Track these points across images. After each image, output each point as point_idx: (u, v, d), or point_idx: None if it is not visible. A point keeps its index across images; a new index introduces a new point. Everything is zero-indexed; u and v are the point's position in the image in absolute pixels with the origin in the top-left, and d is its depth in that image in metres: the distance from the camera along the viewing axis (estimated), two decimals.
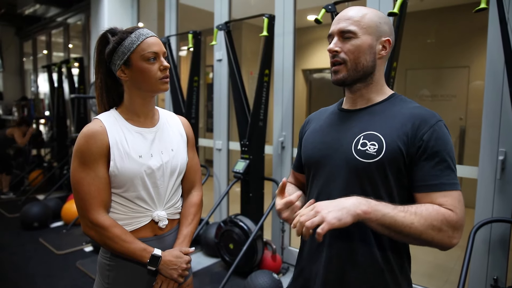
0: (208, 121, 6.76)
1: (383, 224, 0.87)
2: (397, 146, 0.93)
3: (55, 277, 2.96)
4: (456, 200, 0.90)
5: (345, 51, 0.99)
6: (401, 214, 0.87)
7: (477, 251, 2.18)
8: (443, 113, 4.76)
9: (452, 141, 0.96)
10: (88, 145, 1.10)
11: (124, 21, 4.63)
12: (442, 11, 4.77)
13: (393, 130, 0.95)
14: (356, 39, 0.98)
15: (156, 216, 1.20)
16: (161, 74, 1.15)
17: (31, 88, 8.10)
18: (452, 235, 0.88)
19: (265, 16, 2.88)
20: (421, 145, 0.92)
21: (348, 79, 1.01)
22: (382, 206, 0.88)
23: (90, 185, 1.10)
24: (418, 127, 0.93)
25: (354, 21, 0.99)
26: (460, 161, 4.79)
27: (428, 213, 0.88)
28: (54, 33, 6.78)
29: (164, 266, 1.17)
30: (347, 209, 0.86)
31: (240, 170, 3.01)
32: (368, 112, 1.03)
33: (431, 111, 0.97)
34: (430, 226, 0.87)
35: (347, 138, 1.01)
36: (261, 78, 2.97)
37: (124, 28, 1.19)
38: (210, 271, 3.09)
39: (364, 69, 1.00)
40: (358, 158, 0.97)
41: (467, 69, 4.73)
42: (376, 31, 1.00)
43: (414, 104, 1.02)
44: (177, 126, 1.32)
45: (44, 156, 6.62)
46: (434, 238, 0.88)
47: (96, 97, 1.23)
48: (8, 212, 4.68)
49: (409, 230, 0.87)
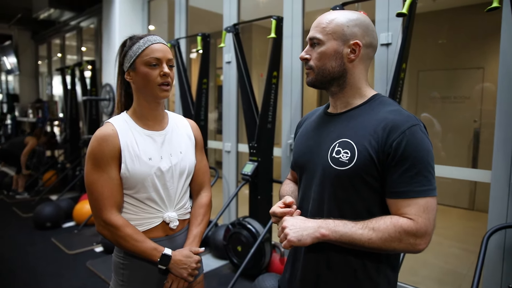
0: (218, 123, 6.77)
1: (343, 242, 0.94)
2: (368, 154, 0.95)
3: (65, 277, 2.99)
4: (421, 208, 0.91)
5: (313, 59, 1.04)
6: (359, 232, 0.93)
7: (491, 258, 2.12)
8: (456, 115, 4.72)
9: (429, 144, 0.95)
10: (100, 148, 1.15)
11: (135, 24, 4.68)
12: (455, 11, 4.69)
13: (365, 137, 0.97)
14: (322, 45, 1.02)
15: (167, 217, 1.24)
16: (160, 80, 1.18)
17: (46, 91, 8.26)
18: (415, 243, 0.91)
19: (273, 18, 2.87)
20: (390, 152, 0.93)
21: (316, 83, 1.06)
22: (342, 226, 0.94)
23: (103, 186, 1.15)
24: (389, 134, 0.93)
25: (321, 28, 1.02)
26: (474, 165, 4.69)
27: (385, 227, 0.92)
28: (68, 36, 6.89)
29: (174, 265, 1.20)
30: (307, 232, 0.95)
31: (248, 172, 3.00)
32: (346, 117, 1.05)
33: (407, 115, 0.96)
34: (389, 239, 0.91)
35: (326, 144, 1.05)
36: (269, 80, 2.96)
37: (140, 34, 1.25)
38: (218, 273, 3.08)
39: (331, 75, 1.03)
40: (332, 166, 1.00)
41: (482, 70, 4.63)
42: (343, 35, 1.00)
43: (392, 107, 1.00)
44: (186, 129, 1.36)
45: (57, 157, 6.73)
46: (396, 248, 0.93)
47: (117, 96, 1.30)
48: (22, 211, 4.78)
49: (368, 245, 0.93)
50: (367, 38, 1.02)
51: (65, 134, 6.12)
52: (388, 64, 2.46)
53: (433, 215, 0.92)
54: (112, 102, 4.73)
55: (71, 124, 5.92)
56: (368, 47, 1.03)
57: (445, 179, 2.44)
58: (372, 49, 1.05)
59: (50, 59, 7.77)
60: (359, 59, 1.03)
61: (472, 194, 4.82)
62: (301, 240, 0.94)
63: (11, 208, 4.97)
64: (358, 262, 1.00)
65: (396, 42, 2.41)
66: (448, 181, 4.17)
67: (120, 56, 1.25)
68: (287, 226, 0.97)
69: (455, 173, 2.52)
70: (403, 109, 1.00)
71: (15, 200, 5.40)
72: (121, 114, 1.27)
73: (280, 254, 2.95)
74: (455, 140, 4.85)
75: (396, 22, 2.43)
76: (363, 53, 1.02)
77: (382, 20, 2.49)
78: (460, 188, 4.81)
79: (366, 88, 1.07)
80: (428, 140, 0.95)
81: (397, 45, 2.36)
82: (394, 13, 2.09)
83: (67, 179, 5.66)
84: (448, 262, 3.24)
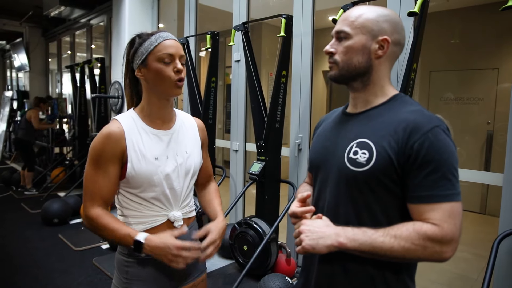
0: (226, 122, 6.76)
1: (363, 251, 0.89)
2: (387, 155, 0.91)
3: (72, 273, 3.01)
4: (446, 213, 0.86)
5: (338, 53, 1.01)
6: (379, 240, 0.88)
7: (502, 263, 2.07)
8: (469, 117, 4.64)
9: (452, 146, 0.90)
10: (102, 146, 1.14)
11: (145, 22, 4.69)
12: (469, 10, 4.61)
13: (384, 138, 0.93)
14: (349, 39, 0.98)
15: (172, 216, 1.24)
16: (175, 76, 1.16)
17: (55, 88, 8.33)
18: (440, 250, 0.86)
19: (283, 16, 2.84)
20: (411, 154, 0.88)
21: (340, 78, 1.02)
22: (361, 234, 0.89)
23: (94, 182, 1.15)
24: (410, 135, 0.89)
25: (349, 22, 0.99)
26: (487, 168, 4.61)
27: (408, 234, 0.87)
28: (78, 34, 6.94)
29: (151, 252, 1.11)
30: (323, 240, 0.91)
31: (255, 172, 2.98)
32: (365, 117, 1.01)
33: (429, 116, 0.92)
34: (412, 247, 0.86)
35: (343, 145, 1.01)
36: (278, 79, 2.93)
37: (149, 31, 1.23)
38: (224, 273, 3.07)
39: (356, 70, 0.99)
40: (349, 166, 0.96)
41: (496, 71, 4.55)
42: (372, 30, 0.97)
43: (413, 107, 0.96)
44: (193, 128, 1.35)
45: (66, 154, 6.78)
46: (420, 256, 0.88)
47: (126, 96, 1.30)
48: (31, 208, 4.82)
49: (390, 254, 0.87)
50: (396, 35, 0.99)
51: (73, 131, 6.16)
52: (398, 64, 2.42)
53: (459, 221, 0.87)
54: (121, 99, 4.75)
55: (80, 121, 5.95)
56: (396, 45, 1.00)
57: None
58: (399, 48, 1.02)
59: (60, 57, 7.83)
60: (386, 56, 0.99)
61: (484, 198, 4.74)
62: (316, 248, 0.91)
63: (20, 204, 5.02)
64: (376, 271, 0.95)
65: (407, 41, 2.37)
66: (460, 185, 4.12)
67: (129, 54, 1.22)
68: (304, 231, 0.93)
69: (466, 175, 2.47)
70: (425, 110, 0.96)
71: (23, 196, 5.46)
72: (128, 111, 1.25)
73: (287, 255, 2.93)
74: (467, 142, 4.77)
75: (407, 21, 2.38)
76: (390, 50, 0.99)
77: None
78: (472, 191, 4.73)
79: (389, 87, 1.03)
80: (451, 142, 0.90)
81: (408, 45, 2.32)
82: (406, 12, 2.05)
83: (75, 176, 5.69)
84: (458, 266, 3.19)
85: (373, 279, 0.95)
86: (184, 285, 1.30)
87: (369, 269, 0.95)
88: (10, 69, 10.78)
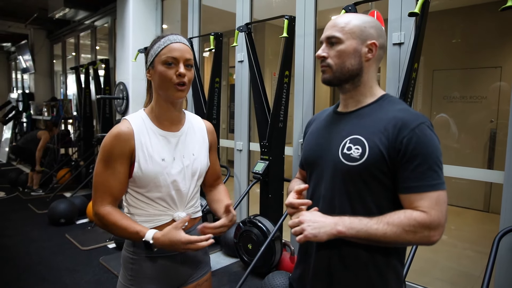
0: (230, 122, 6.80)
1: (359, 238, 0.98)
2: (378, 150, 0.99)
3: (79, 272, 3.05)
4: (433, 201, 0.95)
5: (331, 57, 1.08)
6: (374, 227, 0.96)
7: (503, 260, 2.09)
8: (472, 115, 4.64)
9: (437, 141, 0.99)
10: (112, 145, 1.17)
11: (149, 24, 4.73)
12: (471, 9, 4.61)
13: (376, 134, 1.01)
14: (341, 44, 1.06)
15: (177, 216, 1.25)
16: (176, 79, 1.17)
17: (60, 89, 8.39)
18: (429, 234, 0.95)
19: (286, 17, 2.87)
20: (401, 149, 0.97)
21: (333, 80, 1.09)
22: (357, 222, 0.98)
23: (104, 180, 1.18)
24: (399, 131, 0.98)
25: (339, 28, 1.07)
26: (490, 166, 4.61)
27: (399, 221, 0.95)
28: (82, 35, 6.99)
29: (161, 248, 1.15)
30: (324, 228, 0.98)
31: (259, 171, 3.01)
32: (356, 115, 1.10)
33: (415, 113, 1.01)
34: (403, 232, 0.95)
35: (336, 141, 1.08)
36: (281, 79, 2.96)
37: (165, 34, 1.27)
38: (229, 271, 3.10)
39: (349, 72, 1.07)
40: (344, 161, 1.04)
41: (499, 70, 4.55)
42: (361, 35, 1.06)
43: (401, 106, 1.06)
44: (201, 131, 1.37)
45: (71, 155, 6.84)
46: (410, 240, 0.97)
47: (147, 93, 1.33)
48: (37, 208, 4.87)
49: (384, 239, 0.96)
50: (381, 39, 1.09)
51: (79, 132, 6.22)
52: (400, 64, 2.44)
53: (445, 208, 0.96)
54: (125, 100, 4.79)
55: (85, 122, 6.00)
56: (382, 48, 1.10)
57: (460, 180, 2.42)
58: (383, 51, 1.12)
59: (64, 58, 7.89)
60: (374, 59, 1.09)
61: (487, 196, 4.74)
62: (317, 236, 0.98)
63: (27, 205, 5.08)
64: (368, 255, 1.04)
65: (408, 41, 2.39)
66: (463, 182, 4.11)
67: (147, 55, 1.27)
68: (305, 221, 1.00)
69: (469, 173, 2.48)
70: (411, 108, 1.06)
71: (30, 196, 5.51)
72: (139, 111, 1.28)
73: (291, 253, 2.96)
74: (471, 140, 4.77)
75: (408, 21, 2.41)
76: (377, 53, 1.08)
77: (395, 19, 2.47)
78: (475, 189, 4.74)
79: (376, 87, 1.12)
80: (436, 137, 0.99)
81: (409, 44, 2.34)
82: (407, 12, 2.07)
83: (81, 177, 5.74)
84: (461, 264, 3.20)
85: (366, 265, 1.04)
86: (188, 284, 1.32)
87: (362, 256, 1.04)
88: (15, 71, 10.85)
